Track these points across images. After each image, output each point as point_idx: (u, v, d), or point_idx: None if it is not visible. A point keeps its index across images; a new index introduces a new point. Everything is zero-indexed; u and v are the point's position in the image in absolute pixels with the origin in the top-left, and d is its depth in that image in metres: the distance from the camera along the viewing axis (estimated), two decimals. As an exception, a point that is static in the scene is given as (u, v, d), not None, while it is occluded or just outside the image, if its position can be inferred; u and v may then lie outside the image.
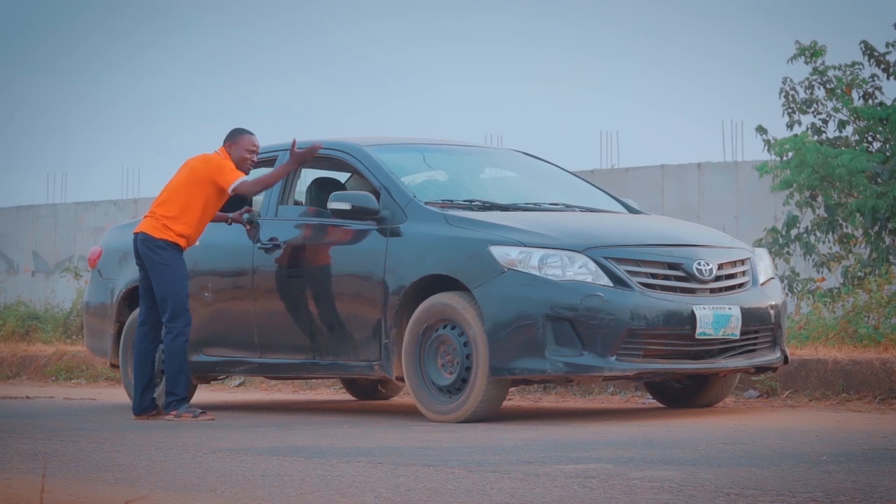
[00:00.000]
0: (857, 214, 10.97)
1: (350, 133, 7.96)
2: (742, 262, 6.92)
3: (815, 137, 11.59)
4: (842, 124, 11.64)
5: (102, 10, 36.26)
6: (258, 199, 8.01)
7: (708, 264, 6.65)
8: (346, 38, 35.27)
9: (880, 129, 11.32)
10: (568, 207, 7.48)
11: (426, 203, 7.05)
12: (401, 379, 6.91)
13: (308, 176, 8.11)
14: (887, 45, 11.51)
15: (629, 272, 6.49)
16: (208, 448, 5.58)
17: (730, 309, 6.60)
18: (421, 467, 4.65)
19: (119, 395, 10.15)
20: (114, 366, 8.68)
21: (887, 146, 11.39)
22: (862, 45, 11.54)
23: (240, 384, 10.99)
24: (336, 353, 7.23)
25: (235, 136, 7.55)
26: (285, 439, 6.05)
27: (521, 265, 6.49)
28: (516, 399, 8.80)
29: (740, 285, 6.80)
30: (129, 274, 8.20)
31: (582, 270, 6.46)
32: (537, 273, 6.45)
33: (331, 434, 6.27)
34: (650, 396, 7.92)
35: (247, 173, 7.53)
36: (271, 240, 7.56)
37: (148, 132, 35.89)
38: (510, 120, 34.37)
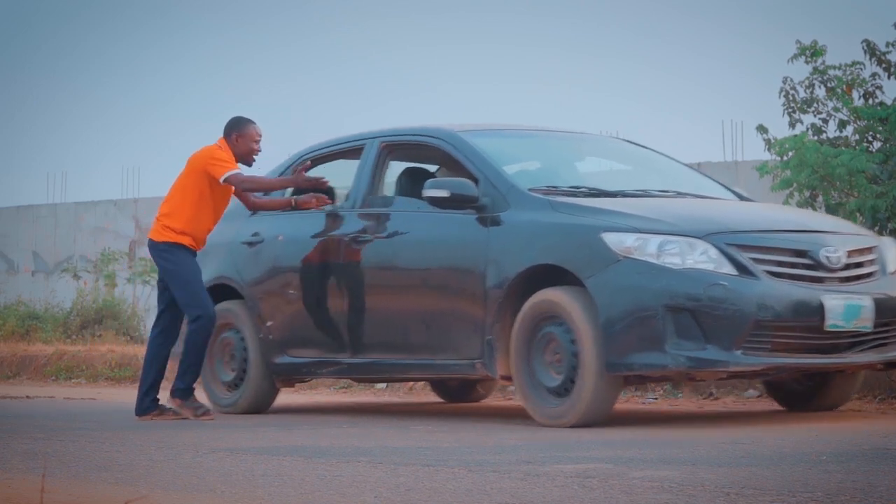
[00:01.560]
0: (857, 214, 10.96)
1: (355, 128, 7.87)
2: (869, 249, 6.43)
3: (815, 137, 11.59)
4: (842, 124, 11.63)
5: (102, 10, 36.26)
6: (341, 192, 7.68)
7: (836, 251, 6.17)
8: (346, 38, 35.27)
9: (880, 128, 11.31)
10: (679, 194, 7.05)
11: (529, 190, 6.62)
12: (506, 378, 6.52)
13: (395, 168, 7.71)
14: (888, 44, 11.50)
15: (754, 259, 6.03)
16: (208, 448, 5.58)
17: (861, 299, 6.09)
18: (421, 467, 4.65)
19: (119, 395, 10.15)
20: None
21: (887, 146, 11.38)
22: (864, 44, 11.53)
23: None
24: (433, 351, 6.83)
25: (241, 127, 7.38)
26: (285, 439, 6.05)
27: (636, 253, 6.04)
28: (516, 399, 8.80)
29: (869, 274, 6.31)
30: (209, 271, 7.79)
31: (703, 258, 6.02)
32: (655, 261, 6.00)
33: (331, 434, 6.27)
34: (650, 396, 7.92)
35: (252, 164, 7.41)
36: (361, 232, 7.20)
37: (148, 132, 35.89)
38: (510, 120, 34.28)
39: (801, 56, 11.73)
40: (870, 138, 11.80)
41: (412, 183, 7.31)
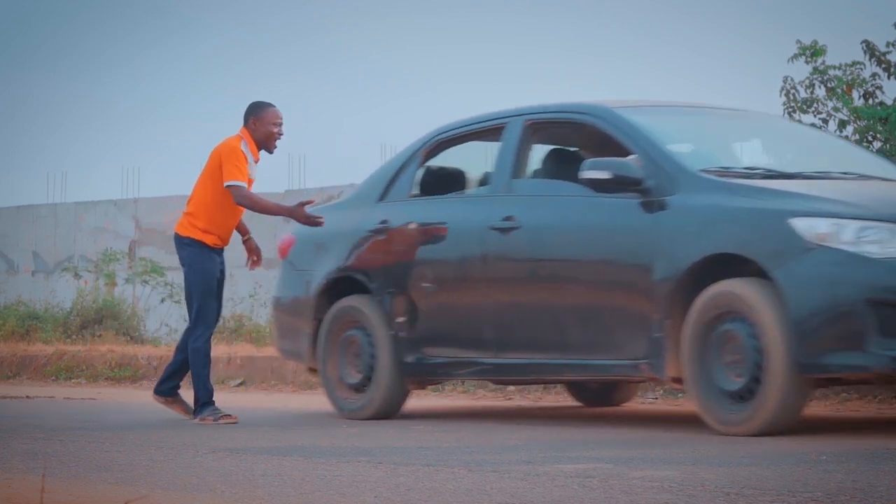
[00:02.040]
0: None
1: (355, 128, 7.83)
2: None
3: (815, 137, 11.59)
4: (842, 124, 11.63)
5: (102, 10, 36.26)
6: (472, 177, 7.28)
7: None
8: (346, 38, 35.28)
9: (880, 128, 11.31)
10: (862, 176, 6.39)
11: (700, 171, 6.03)
12: (676, 380, 5.89)
13: (537, 151, 7.10)
14: (888, 44, 11.50)
15: None
16: (208, 448, 5.57)
17: None
18: (421, 467, 4.65)
19: (119, 395, 10.16)
20: (312, 370, 7.61)
21: (887, 146, 11.38)
22: (864, 44, 11.53)
23: (240, 384, 10.98)
24: (590, 350, 6.20)
25: (258, 111, 7.18)
26: (285, 439, 6.05)
27: (831, 240, 5.43)
28: (516, 399, 8.80)
29: None
30: (329, 263, 7.32)
31: None
32: (852, 249, 5.39)
33: (331, 434, 6.26)
34: (650, 396, 7.91)
35: (273, 150, 7.22)
36: (507, 219, 6.52)
37: (148, 132, 35.89)
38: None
39: (802, 56, 11.73)
40: (870, 138, 11.79)
41: (560, 166, 6.77)
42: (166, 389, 7.40)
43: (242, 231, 7.51)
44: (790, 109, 11.83)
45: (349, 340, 7.19)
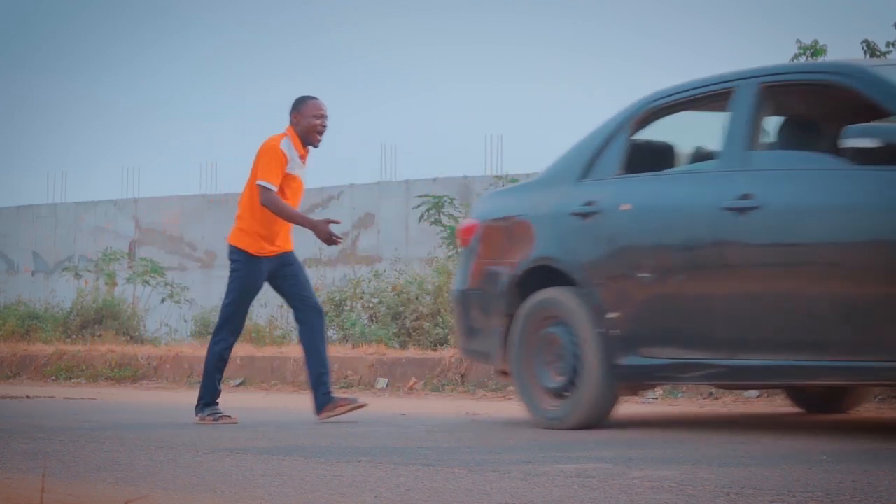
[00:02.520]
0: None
1: (355, 128, 7.79)
2: None
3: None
4: (842, 124, 11.64)
5: (102, 10, 36.28)
6: (680, 152, 6.55)
7: None
8: (346, 38, 35.31)
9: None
10: None
11: None
12: None
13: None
14: (888, 44, 11.50)
15: None
16: (208, 447, 5.58)
17: None
18: (421, 467, 4.65)
19: (119, 395, 10.16)
20: (502, 373, 6.75)
21: (887, 146, 11.38)
22: (864, 44, 11.53)
23: (240, 384, 10.98)
24: (854, 350, 5.35)
25: (299, 106, 7.05)
26: (285, 439, 6.05)
27: None
28: (517, 399, 8.80)
29: None
30: (522, 251, 6.49)
31: None
32: None
33: (331, 434, 6.26)
34: (650, 396, 7.91)
35: (317, 143, 7.06)
36: (743, 198, 5.65)
37: (148, 132, 35.92)
38: (510, 120, 34.39)
39: (802, 56, 11.73)
40: (870, 138, 11.80)
41: (800, 134, 6.02)
42: (321, 400, 7.11)
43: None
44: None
45: (548, 339, 6.33)
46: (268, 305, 17.00)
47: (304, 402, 9.09)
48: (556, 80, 33.72)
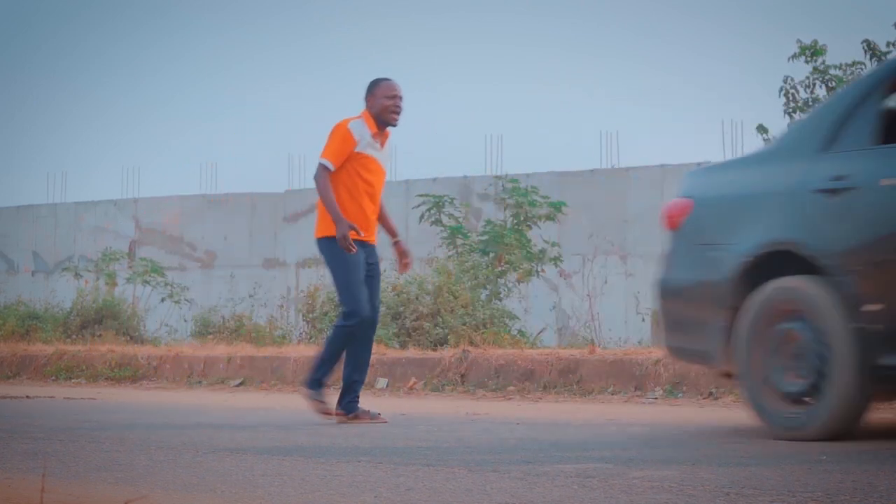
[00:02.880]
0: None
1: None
2: None
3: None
4: (842, 124, 11.66)
5: (102, 10, 36.29)
6: None
7: None
8: (346, 38, 35.30)
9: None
10: None
11: None
12: None
13: None
14: (888, 44, 11.51)
15: None
16: (208, 447, 5.58)
17: None
18: (421, 467, 4.65)
19: (119, 395, 10.15)
20: (725, 374, 6.03)
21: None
22: (864, 44, 11.55)
23: (240, 384, 10.99)
24: None
25: (372, 88, 7.01)
26: (285, 439, 6.05)
27: None
28: (516, 399, 8.80)
29: None
30: (752, 234, 5.65)
31: None
32: None
33: (331, 434, 6.27)
34: (650, 396, 7.91)
35: (394, 122, 6.98)
36: None
37: (148, 132, 35.93)
38: (510, 120, 34.42)
39: (802, 55, 11.73)
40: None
41: None
42: (346, 405, 7.03)
43: (391, 233, 7.24)
44: (790, 110, 11.83)
45: (785, 335, 5.53)
46: (267, 305, 17.03)
47: (304, 402, 9.09)
48: (556, 80, 33.72)
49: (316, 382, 6.97)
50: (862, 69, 11.63)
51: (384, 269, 7.78)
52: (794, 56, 11.58)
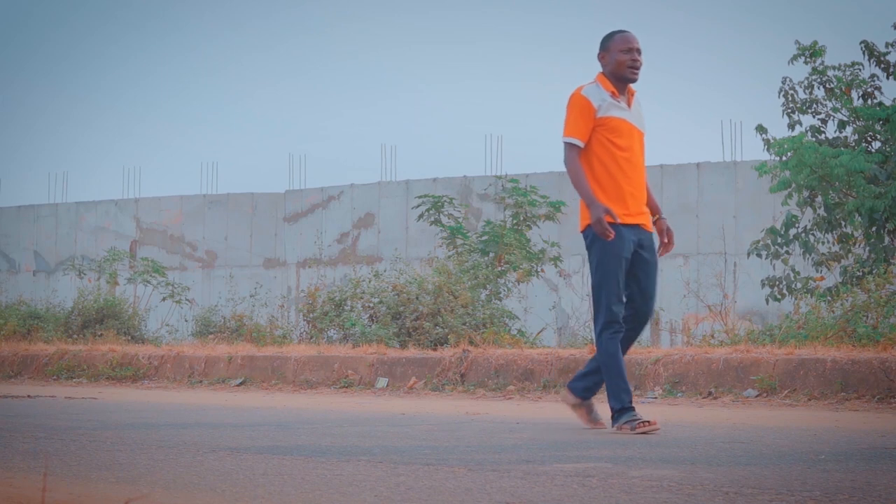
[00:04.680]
0: (855, 214, 10.99)
1: (354, 128, 7.77)
2: None
3: (814, 138, 11.61)
4: (842, 124, 11.65)
5: (102, 10, 36.29)
6: None
7: None
8: (346, 38, 35.30)
9: (879, 129, 11.33)
10: None
11: None
12: None
13: None
14: (887, 45, 11.52)
15: None
16: (209, 447, 5.59)
17: None
18: (421, 466, 4.66)
19: (120, 395, 10.16)
20: None
21: (886, 147, 11.40)
22: (862, 45, 11.55)
23: (240, 383, 11.00)
24: None
25: (605, 42, 6.19)
26: (285, 438, 6.05)
27: None
28: (516, 399, 8.81)
29: None
30: None
31: None
32: None
33: (331, 433, 6.27)
34: (650, 395, 7.92)
35: (634, 78, 6.18)
36: None
37: (149, 132, 35.94)
38: (510, 120, 34.40)
39: (801, 56, 11.74)
40: (869, 138, 11.81)
41: None
42: (577, 388, 6.36)
43: (653, 209, 6.36)
44: (789, 111, 11.84)
45: None
46: (268, 305, 17.03)
47: (304, 401, 9.09)
48: (556, 80, 33.72)
49: (623, 412, 6.07)
50: (861, 70, 11.64)
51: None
52: (794, 57, 11.59)
